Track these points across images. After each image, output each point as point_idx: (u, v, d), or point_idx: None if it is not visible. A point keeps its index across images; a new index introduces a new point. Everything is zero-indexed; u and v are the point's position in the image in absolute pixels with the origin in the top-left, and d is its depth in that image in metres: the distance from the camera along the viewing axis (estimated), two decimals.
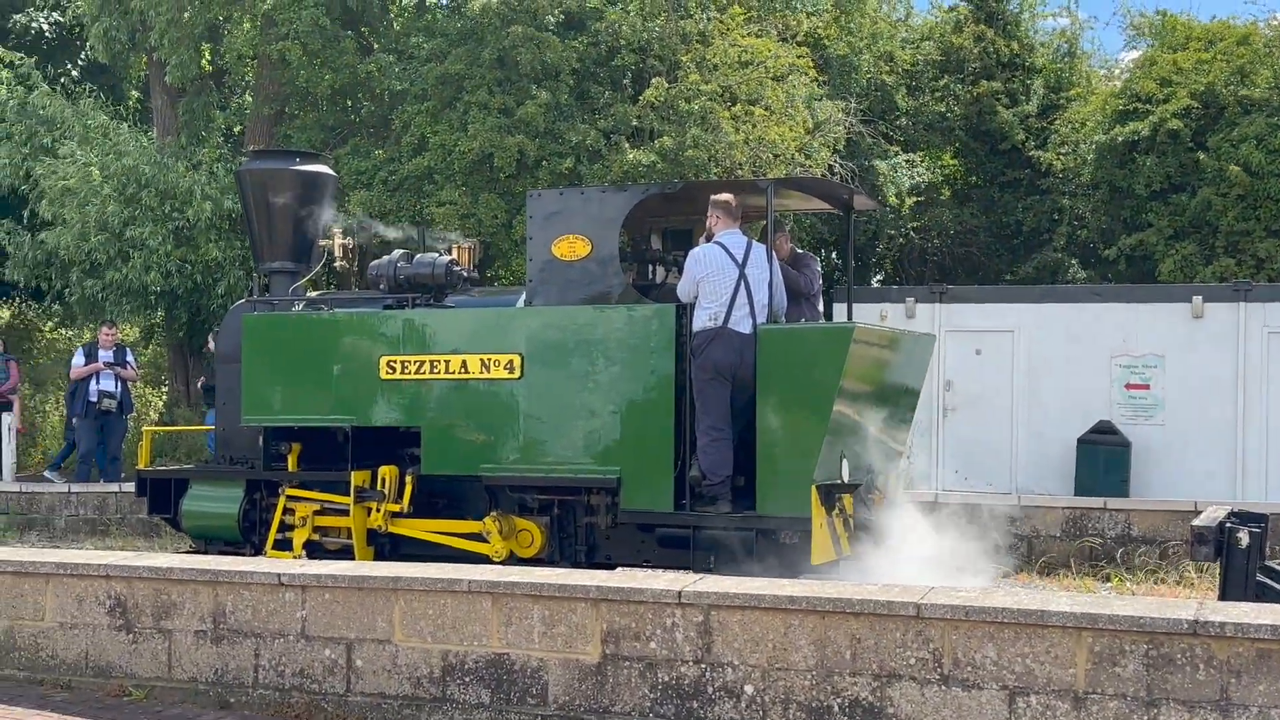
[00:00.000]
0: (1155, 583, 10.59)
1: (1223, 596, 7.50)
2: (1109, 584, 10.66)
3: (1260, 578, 7.55)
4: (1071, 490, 14.34)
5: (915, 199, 20.46)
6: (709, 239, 9.03)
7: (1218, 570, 7.81)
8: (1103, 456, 14.40)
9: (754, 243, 8.95)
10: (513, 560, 9.28)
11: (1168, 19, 21.30)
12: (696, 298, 8.78)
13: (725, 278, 8.70)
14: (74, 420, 15.90)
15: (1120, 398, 14.90)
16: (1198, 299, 14.71)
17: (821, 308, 9.86)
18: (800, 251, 10.04)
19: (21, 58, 19.32)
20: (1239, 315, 14.57)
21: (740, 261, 8.74)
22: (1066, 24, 23.49)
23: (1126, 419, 14.77)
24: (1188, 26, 20.83)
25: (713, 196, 9.05)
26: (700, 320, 8.72)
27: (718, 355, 8.63)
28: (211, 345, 16.20)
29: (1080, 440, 14.60)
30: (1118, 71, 23.45)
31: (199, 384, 16.46)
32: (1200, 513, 8.51)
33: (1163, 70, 19.64)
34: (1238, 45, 19.58)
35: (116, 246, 17.05)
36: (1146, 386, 14.86)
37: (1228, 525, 7.62)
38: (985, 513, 10.43)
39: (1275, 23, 20.28)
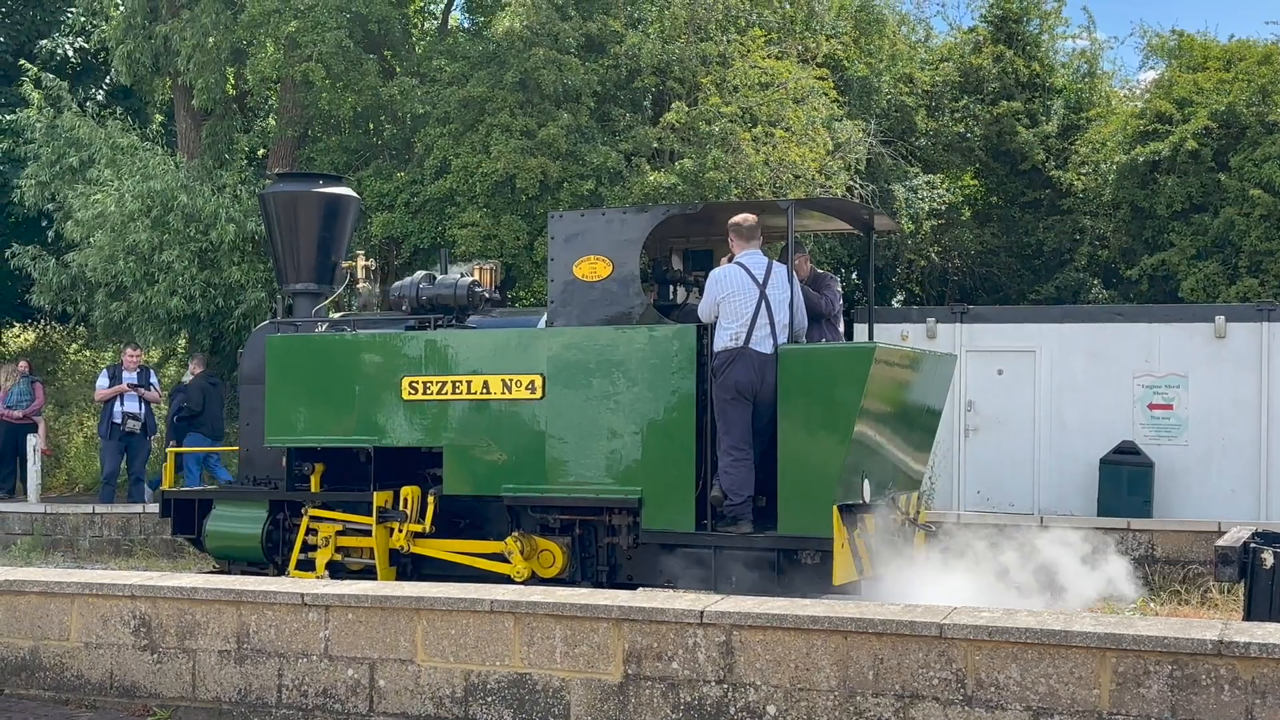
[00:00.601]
0: (1179, 604, 10.53)
1: (1248, 617, 7.46)
2: (1133, 605, 10.60)
3: None
4: (1094, 511, 14.28)
5: (935, 221, 20.45)
6: (730, 260, 9.06)
7: (1242, 591, 7.77)
8: (1126, 477, 14.33)
9: (774, 263, 8.97)
10: (534, 580, 9.30)
11: (1184, 39, 21.27)
12: (717, 318, 8.80)
13: (746, 298, 8.72)
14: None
15: (1143, 418, 14.84)
16: (1220, 319, 14.65)
17: (842, 328, 9.85)
18: (820, 272, 10.05)
19: (53, 79, 19.53)
20: (1262, 335, 14.50)
21: (761, 281, 8.77)
22: (1086, 45, 23.47)
23: (1149, 439, 14.70)
24: (1205, 47, 20.78)
25: (732, 218, 9.08)
26: (721, 340, 8.74)
27: (739, 375, 8.64)
28: (191, 370, 16.27)
29: (1103, 461, 14.53)
30: (1138, 92, 23.39)
31: (170, 416, 16.31)
32: (1224, 533, 8.47)
33: (1182, 90, 19.61)
34: (1259, 65, 19.53)
35: (143, 270, 17.19)
36: (1169, 406, 14.79)
37: (1252, 546, 7.60)
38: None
39: None
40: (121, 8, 19.33)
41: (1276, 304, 15.15)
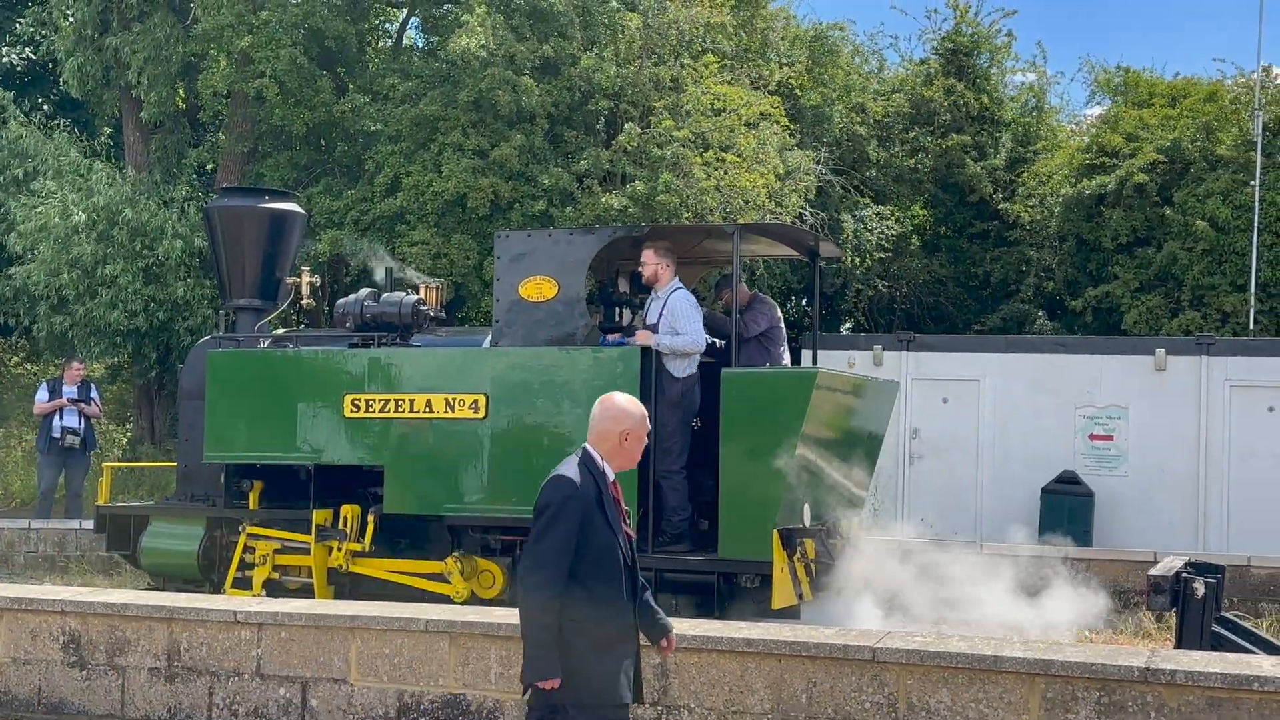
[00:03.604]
0: (1115, 633, 10.61)
1: (1179, 646, 7.53)
2: (1068, 633, 10.68)
3: (1216, 628, 7.60)
4: (1035, 539, 14.37)
5: (882, 254, 20.60)
6: (654, 282, 9.18)
7: (1174, 620, 7.85)
8: (1066, 506, 14.45)
9: None
10: (475, 601, 9.25)
11: (1130, 75, 21.61)
12: (674, 354, 8.92)
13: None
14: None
15: (1084, 448, 14.98)
16: (1161, 351, 14.83)
17: (783, 351, 9.82)
18: (756, 294, 10.08)
19: None
20: (1201, 368, 14.69)
21: None
22: (1034, 79, 23.79)
23: (1090, 469, 14.84)
24: (1151, 83, 21.14)
25: (659, 245, 9.19)
26: (688, 367, 8.84)
27: (697, 400, 8.91)
28: None
29: (1044, 490, 14.66)
30: (1085, 126, 23.75)
31: None
32: (1158, 563, 8.56)
33: (1129, 125, 19.92)
34: (1203, 103, 19.89)
35: (86, 283, 17.00)
36: (1110, 437, 14.95)
37: (1184, 575, 7.68)
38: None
39: (1241, 80, 20.62)
40: (71, 19, 19.15)
41: (1215, 338, 15.37)
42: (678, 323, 8.92)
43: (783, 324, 9.90)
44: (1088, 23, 51.06)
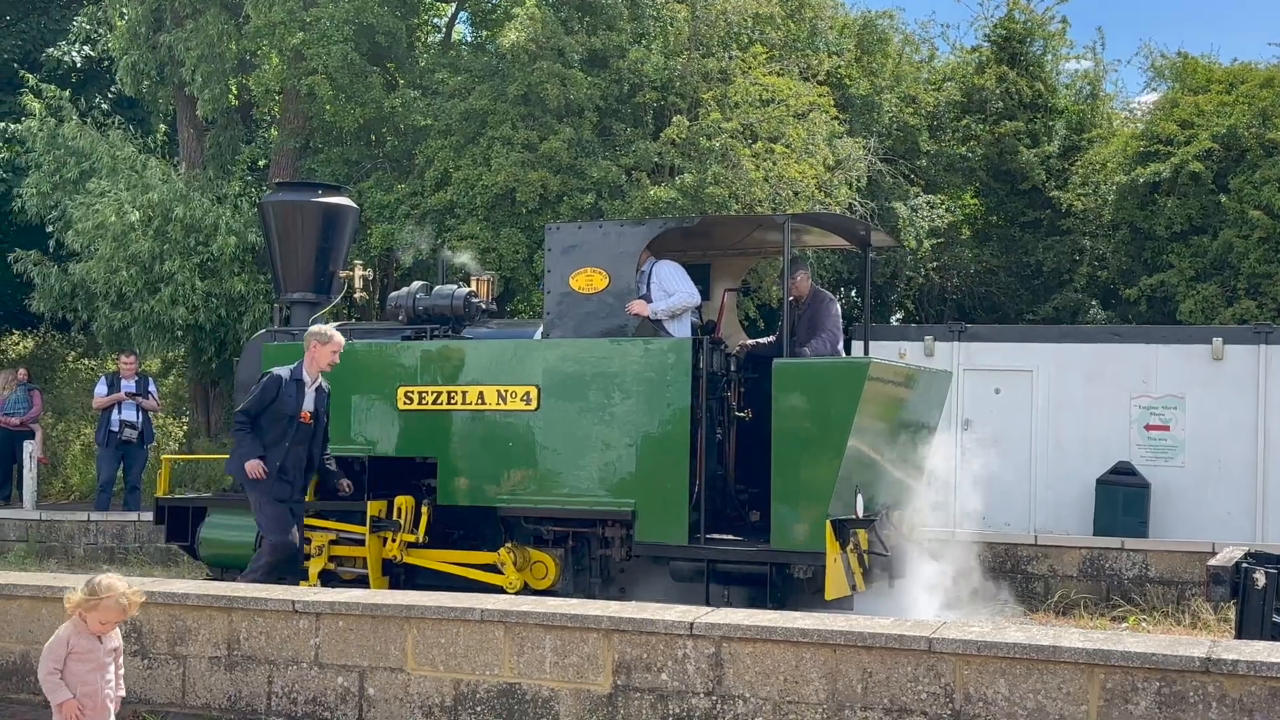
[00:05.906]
0: (1172, 624, 10.52)
1: (1239, 637, 7.46)
2: (1125, 624, 10.60)
3: (1277, 619, 7.51)
4: (1090, 531, 14.26)
5: (934, 241, 20.47)
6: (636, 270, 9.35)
7: (1234, 612, 7.77)
8: (1122, 497, 14.30)
9: None
10: (527, 592, 9.30)
11: (1188, 61, 21.32)
12: (673, 315, 9.17)
13: None
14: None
15: (1140, 439, 14.82)
16: (1218, 340, 14.64)
17: (840, 347, 9.83)
18: (820, 290, 10.06)
19: (55, 90, 19.59)
20: (1260, 357, 14.49)
21: None
22: (1089, 66, 23.53)
23: (1146, 460, 14.68)
24: (1208, 69, 20.84)
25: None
26: (684, 330, 9.21)
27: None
28: None
29: (1099, 481, 14.52)
30: (1139, 113, 23.46)
31: None
32: (1218, 554, 8.47)
33: (1184, 112, 19.65)
34: (1260, 88, 19.58)
35: (144, 279, 17.20)
36: (1166, 428, 14.78)
37: (1244, 566, 7.60)
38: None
39: None
40: (125, 18, 19.40)
41: (1274, 326, 15.14)
42: (667, 284, 9.19)
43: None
44: (1145, 7, 50.49)
